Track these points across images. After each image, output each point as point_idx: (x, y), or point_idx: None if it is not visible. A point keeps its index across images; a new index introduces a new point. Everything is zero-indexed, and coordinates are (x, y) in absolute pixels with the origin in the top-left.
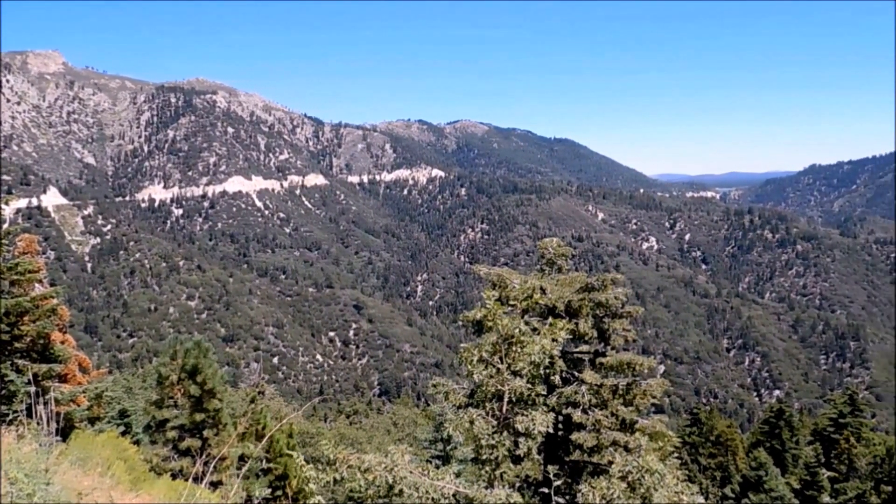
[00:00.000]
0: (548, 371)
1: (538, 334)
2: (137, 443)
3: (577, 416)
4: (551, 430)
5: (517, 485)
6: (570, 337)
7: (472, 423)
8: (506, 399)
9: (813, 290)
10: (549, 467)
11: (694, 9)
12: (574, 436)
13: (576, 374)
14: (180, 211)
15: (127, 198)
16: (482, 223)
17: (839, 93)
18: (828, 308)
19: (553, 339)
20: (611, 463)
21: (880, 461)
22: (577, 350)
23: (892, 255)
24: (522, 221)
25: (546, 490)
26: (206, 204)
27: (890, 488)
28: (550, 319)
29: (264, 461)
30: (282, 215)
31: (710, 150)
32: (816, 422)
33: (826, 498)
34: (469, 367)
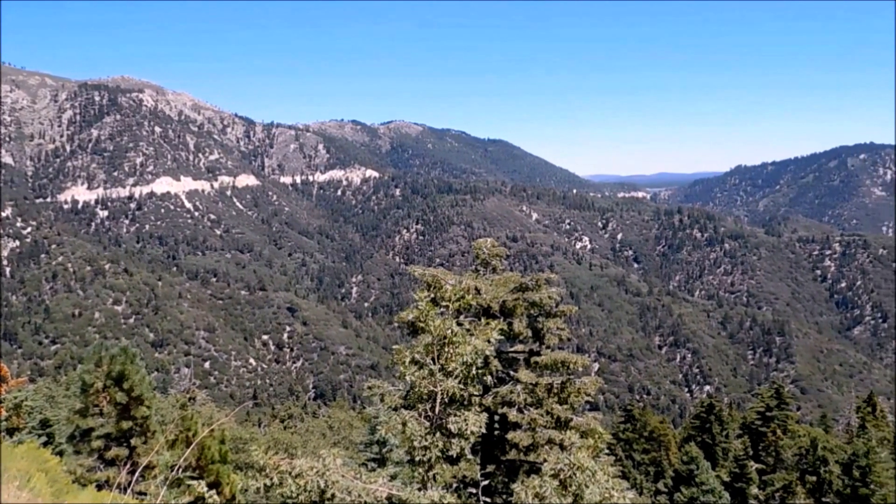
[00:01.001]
0: (481, 371)
1: (472, 335)
2: (60, 454)
3: (512, 415)
4: (484, 431)
5: (454, 485)
6: (505, 336)
7: (404, 424)
8: (438, 400)
9: (740, 288)
10: (477, 467)
11: (623, 9)
12: (510, 435)
13: (511, 373)
14: (105, 213)
15: (48, 199)
16: (417, 224)
17: (762, 95)
18: (754, 305)
19: (486, 340)
20: (546, 461)
21: (805, 452)
22: (513, 350)
23: (815, 252)
24: (457, 222)
25: (482, 490)
26: (132, 205)
27: (815, 478)
28: (484, 320)
29: (195, 469)
30: (212, 217)
31: (641, 151)
32: (745, 416)
33: (754, 489)
34: (402, 368)
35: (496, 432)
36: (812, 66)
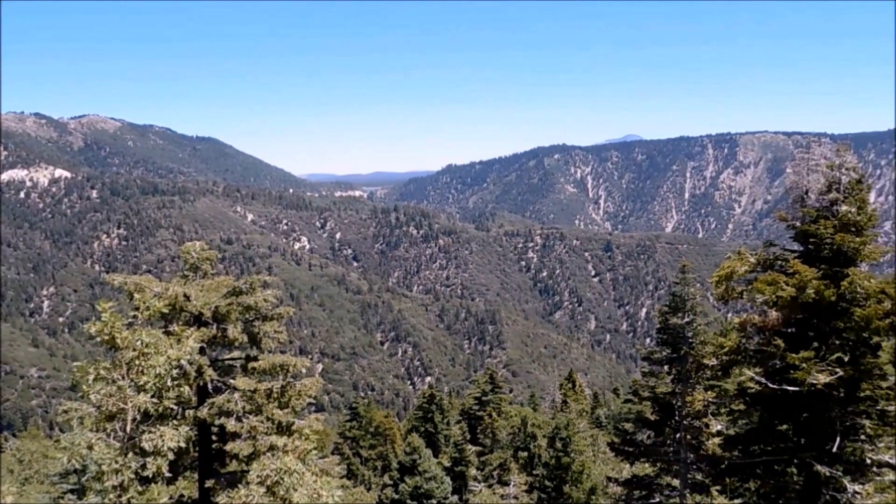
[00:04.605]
0: (176, 381)
1: (174, 346)
2: None
3: (231, 424)
4: (183, 444)
5: None
6: (220, 344)
7: (90, 448)
8: (129, 417)
9: (455, 281)
10: (195, 484)
11: (334, 8)
12: (229, 446)
13: (229, 381)
14: None
15: None
16: (119, 228)
17: (466, 95)
18: (468, 296)
19: (183, 349)
20: (252, 469)
21: (517, 431)
22: (229, 357)
23: (519, 245)
24: (165, 225)
25: None
26: None
27: (526, 454)
28: (194, 327)
29: None
30: None
31: (356, 151)
32: (463, 402)
33: (473, 471)
34: (84, 387)
35: (215, 445)
36: (507, 67)
